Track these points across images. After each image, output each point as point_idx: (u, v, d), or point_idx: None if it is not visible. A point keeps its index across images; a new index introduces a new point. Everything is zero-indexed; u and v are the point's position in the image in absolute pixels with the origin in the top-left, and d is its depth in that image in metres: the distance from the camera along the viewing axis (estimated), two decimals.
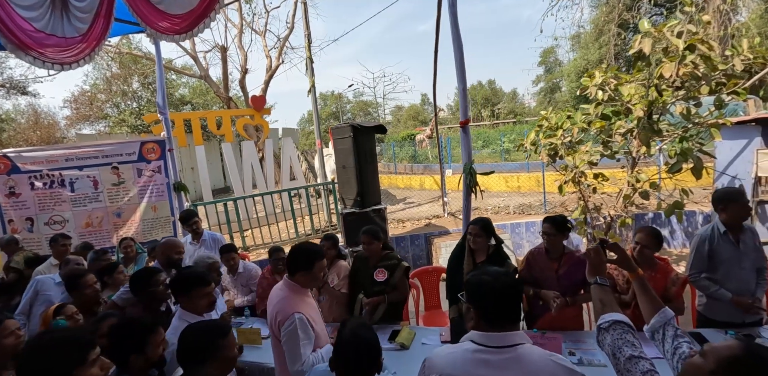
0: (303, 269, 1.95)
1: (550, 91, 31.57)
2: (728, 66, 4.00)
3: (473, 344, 1.27)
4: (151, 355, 1.61)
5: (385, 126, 5.63)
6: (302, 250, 1.99)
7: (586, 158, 4.68)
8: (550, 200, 7.81)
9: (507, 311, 1.28)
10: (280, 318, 1.87)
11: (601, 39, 20.55)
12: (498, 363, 1.21)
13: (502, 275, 1.32)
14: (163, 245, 2.89)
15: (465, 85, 3.59)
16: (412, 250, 6.36)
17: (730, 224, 2.50)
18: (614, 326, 1.20)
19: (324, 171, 8.76)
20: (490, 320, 1.27)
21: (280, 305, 1.91)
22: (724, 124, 4.34)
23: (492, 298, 1.27)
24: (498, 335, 1.24)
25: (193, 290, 2.01)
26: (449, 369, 1.26)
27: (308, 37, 8.10)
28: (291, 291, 1.96)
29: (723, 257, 2.51)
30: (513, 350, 1.22)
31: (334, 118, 40.19)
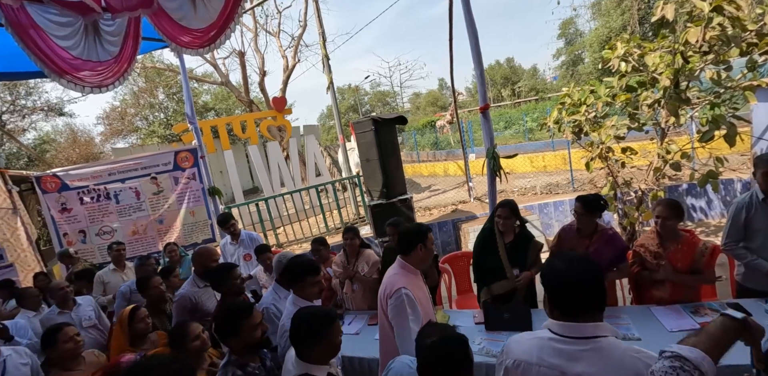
0: (412, 248, 2.00)
1: (572, 63, 30.31)
2: (759, 25, 3.79)
3: (550, 332, 1.24)
4: (247, 338, 1.72)
5: (405, 116, 5.68)
6: (410, 231, 2.05)
7: (612, 133, 4.57)
8: (577, 177, 7.64)
9: (580, 300, 1.19)
10: (388, 291, 1.93)
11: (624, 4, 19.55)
12: (571, 354, 1.17)
13: (578, 261, 1.24)
14: (198, 255, 2.87)
15: (482, 71, 3.59)
16: (441, 236, 6.43)
17: (765, 189, 2.42)
18: (674, 358, 0.99)
19: (348, 165, 8.90)
20: (562, 309, 1.22)
21: (389, 280, 1.99)
22: (759, 86, 4.12)
23: (563, 286, 1.21)
24: (572, 325, 1.19)
25: (307, 278, 2.11)
26: (524, 356, 1.26)
27: (322, 34, 8.15)
28: (402, 269, 2.02)
29: (760, 226, 2.43)
30: (591, 342, 1.15)
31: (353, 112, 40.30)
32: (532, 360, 1.24)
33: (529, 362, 1.25)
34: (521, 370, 1.26)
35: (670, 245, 2.49)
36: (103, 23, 3.64)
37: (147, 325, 2.44)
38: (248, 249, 4.07)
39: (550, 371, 1.20)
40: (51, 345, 2.16)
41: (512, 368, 1.29)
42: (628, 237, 5.12)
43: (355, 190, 8.20)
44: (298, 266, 2.15)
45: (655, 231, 2.56)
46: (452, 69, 6.01)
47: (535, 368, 1.23)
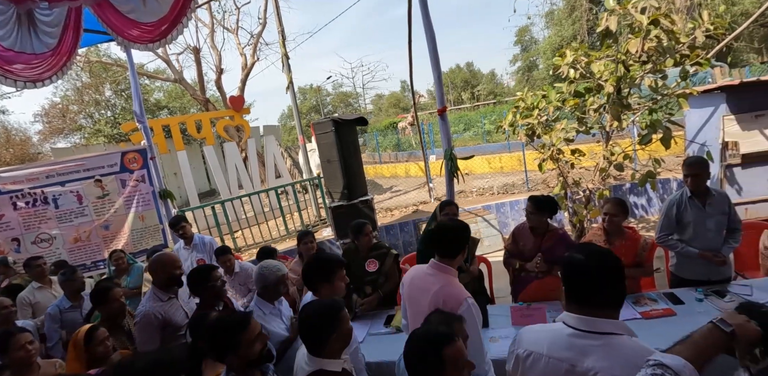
0: (459, 251, 1.86)
1: (527, 69, 31.67)
2: (690, 38, 4.14)
3: (563, 324, 1.24)
4: (246, 353, 1.55)
5: (365, 118, 5.68)
6: (456, 228, 1.92)
7: (562, 135, 4.81)
8: (532, 177, 7.98)
9: (599, 293, 1.17)
10: (452, 303, 1.72)
11: (574, 15, 20.65)
12: (582, 348, 1.16)
13: (599, 254, 1.22)
14: (159, 263, 2.49)
15: (440, 74, 3.66)
16: (402, 237, 6.49)
17: (695, 190, 2.70)
18: (657, 367, 0.97)
19: (309, 166, 8.79)
20: (581, 301, 1.20)
21: (445, 290, 1.78)
22: (691, 94, 4.50)
23: (580, 278, 1.20)
24: (588, 319, 1.17)
25: (338, 272, 2.01)
26: (535, 346, 1.27)
27: (282, 33, 7.99)
28: (449, 274, 1.85)
29: (689, 220, 2.71)
30: (604, 338, 1.14)
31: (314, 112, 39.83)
32: (542, 351, 1.24)
33: (539, 352, 1.25)
34: (531, 360, 1.26)
35: (615, 241, 2.69)
36: (39, 13, 3.35)
37: (108, 348, 2.15)
38: (202, 253, 3.90)
39: (559, 363, 1.20)
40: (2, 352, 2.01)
41: (523, 358, 1.29)
42: (578, 234, 5.41)
43: (316, 191, 8.10)
44: (326, 260, 2.06)
45: (603, 228, 2.74)
46: (411, 72, 6.10)
47: (544, 359, 1.23)
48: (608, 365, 1.11)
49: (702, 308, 2.32)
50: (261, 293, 2.31)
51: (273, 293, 2.30)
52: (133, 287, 3.77)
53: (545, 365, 1.22)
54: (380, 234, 6.12)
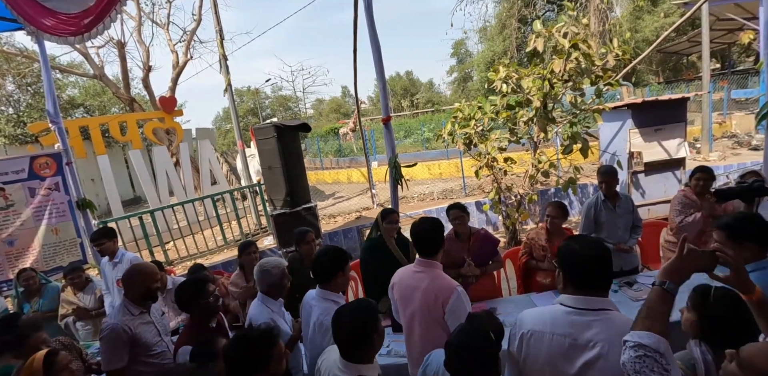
0: (441, 247, 2.01)
1: (463, 80, 33.30)
2: (603, 61, 4.67)
3: (562, 306, 1.38)
4: (276, 370, 1.47)
5: (308, 124, 5.61)
6: (436, 228, 2.01)
7: (496, 145, 5.17)
8: (469, 183, 8.41)
9: (592, 277, 1.35)
10: (445, 294, 1.85)
11: (505, 32, 22.15)
12: (582, 323, 1.31)
13: (591, 244, 1.40)
14: (138, 274, 2.24)
15: (384, 84, 3.73)
16: (346, 243, 6.48)
17: (607, 194, 3.18)
18: (637, 347, 1.07)
19: (248, 172, 8.45)
20: (576, 284, 1.36)
21: (436, 283, 1.90)
22: (604, 110, 5.06)
23: (578, 264, 1.36)
24: (584, 298, 1.33)
25: (346, 267, 2.01)
26: (539, 325, 1.39)
27: (220, 32, 7.64)
28: (436, 268, 1.97)
29: (604, 220, 3.18)
30: (600, 314, 1.30)
31: (252, 115, 38.39)
32: (546, 329, 1.36)
33: (543, 331, 1.37)
34: (534, 338, 1.38)
35: (555, 240, 2.98)
36: None
37: (73, 373, 1.89)
38: (121, 273, 3.46)
39: (562, 338, 1.33)
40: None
41: (527, 337, 1.40)
42: (511, 235, 5.81)
43: (256, 199, 7.82)
44: (335, 256, 2.06)
45: (545, 228, 3.03)
46: (356, 79, 6.15)
47: (548, 336, 1.36)
48: (606, 336, 1.27)
49: (616, 298, 2.63)
50: (268, 291, 2.26)
51: (280, 288, 2.26)
52: (47, 310, 3.37)
53: (549, 341, 1.35)
54: (324, 241, 6.06)
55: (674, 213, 3.09)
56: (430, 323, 1.93)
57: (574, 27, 4.58)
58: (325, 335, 1.91)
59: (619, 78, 5.06)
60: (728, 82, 14.54)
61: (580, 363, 1.29)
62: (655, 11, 20.91)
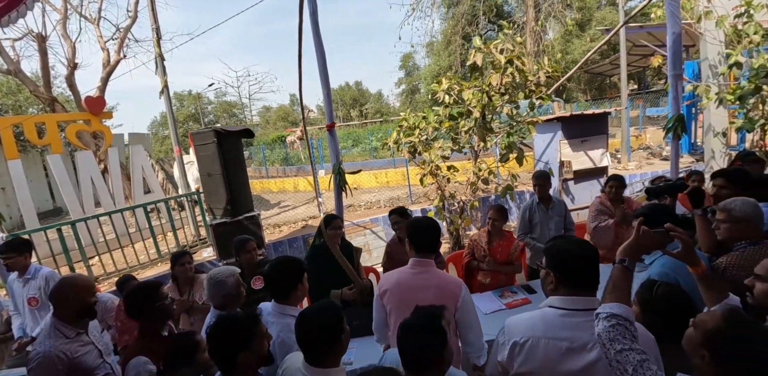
0: (439, 245, 1.98)
1: (411, 92, 34.24)
2: (536, 77, 5.03)
3: (552, 308, 1.34)
4: (261, 349, 1.47)
5: (251, 130, 5.44)
6: (435, 223, 1.99)
7: (439, 153, 5.34)
8: (415, 191, 8.58)
9: (584, 276, 1.32)
10: (455, 289, 1.82)
11: (450, 48, 23.20)
12: (577, 324, 1.27)
13: (582, 243, 1.39)
14: (71, 287, 1.95)
15: (329, 91, 3.73)
16: (291, 253, 6.31)
17: (541, 197, 3.45)
18: (610, 318, 1.16)
19: (186, 181, 7.99)
20: (568, 284, 1.33)
21: (446, 279, 1.87)
22: (537, 122, 5.43)
23: (571, 264, 1.32)
24: (576, 298, 1.31)
25: (304, 278, 1.91)
26: (530, 331, 1.32)
27: (157, 31, 7.22)
28: (433, 266, 1.91)
29: (537, 221, 3.43)
30: (593, 314, 1.24)
31: (193, 121, 36.56)
32: (539, 334, 1.31)
33: (537, 336, 1.31)
34: (529, 345, 1.31)
35: (494, 241, 3.13)
36: None
37: None
38: (35, 291, 3.06)
39: (558, 342, 1.28)
40: None
41: (521, 344, 1.33)
42: (454, 240, 5.98)
43: (195, 208, 7.40)
44: (295, 265, 1.93)
45: (487, 230, 3.17)
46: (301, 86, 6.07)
47: (543, 342, 1.30)
48: None
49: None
50: (223, 304, 2.09)
51: (237, 298, 2.10)
52: None
53: (545, 346, 1.29)
54: (268, 251, 5.85)
55: (590, 219, 3.38)
56: None
57: (510, 45, 4.90)
58: (288, 354, 1.77)
59: (551, 93, 5.47)
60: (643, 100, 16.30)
61: (580, 366, 1.25)
62: (583, 36, 23.03)
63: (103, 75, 10.62)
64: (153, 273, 5.76)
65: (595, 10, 25.29)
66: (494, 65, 5.04)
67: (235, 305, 2.13)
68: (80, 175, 7.32)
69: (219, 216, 5.06)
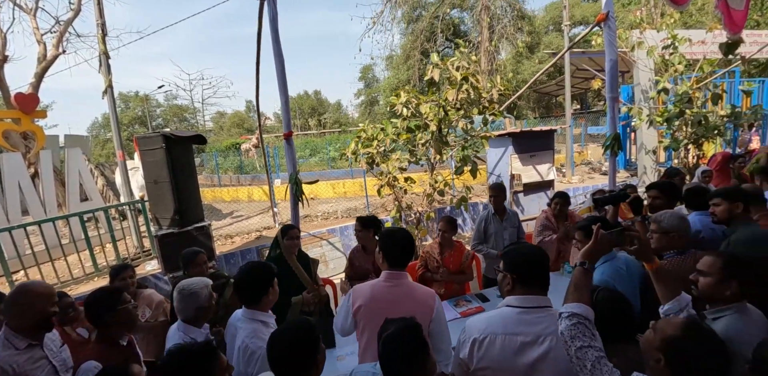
0: (411, 258, 1.97)
1: (370, 104, 34.59)
2: (489, 94, 5.27)
3: (509, 307, 1.46)
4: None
5: (204, 136, 5.23)
6: (409, 236, 1.97)
7: (397, 165, 5.41)
8: (372, 202, 8.61)
9: (537, 278, 1.47)
10: (429, 301, 1.83)
11: (409, 62, 23.80)
12: (531, 320, 1.41)
13: (535, 249, 1.54)
14: (29, 295, 1.78)
15: (287, 99, 3.69)
16: None
17: (496, 208, 3.61)
18: (571, 317, 1.30)
19: (129, 188, 7.49)
20: (523, 285, 1.46)
21: (421, 291, 1.88)
22: (490, 137, 5.67)
23: (526, 267, 1.47)
24: (531, 297, 1.45)
25: (274, 284, 1.90)
26: (490, 328, 1.44)
27: (102, 26, 6.79)
28: (407, 279, 1.91)
29: (492, 231, 3.58)
30: (545, 311, 1.42)
31: (139, 124, 34.61)
32: (498, 331, 1.43)
33: (495, 333, 1.43)
34: (488, 341, 1.43)
35: (446, 251, 3.20)
36: None
37: None
38: None
39: (514, 337, 1.40)
40: None
41: (480, 341, 1.44)
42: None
43: (139, 218, 6.93)
44: (263, 274, 1.90)
45: (438, 241, 3.23)
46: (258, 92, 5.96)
47: (500, 338, 1.42)
48: (553, 330, 1.37)
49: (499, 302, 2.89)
50: (195, 317, 1.98)
51: (208, 312, 2.01)
52: None
53: (502, 342, 1.41)
54: (219, 264, 5.59)
55: (536, 232, 3.60)
56: None
57: (466, 62, 5.12)
58: (250, 362, 1.71)
59: (503, 110, 5.75)
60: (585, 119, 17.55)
61: (533, 358, 1.37)
62: (532, 57, 24.56)
63: (37, 70, 9.81)
64: (89, 288, 5.29)
65: (543, 35, 27.15)
66: (451, 81, 5.22)
67: (206, 318, 2.04)
68: (6, 180, 6.64)
69: (166, 226, 4.78)
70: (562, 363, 1.31)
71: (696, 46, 8.03)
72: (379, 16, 19.47)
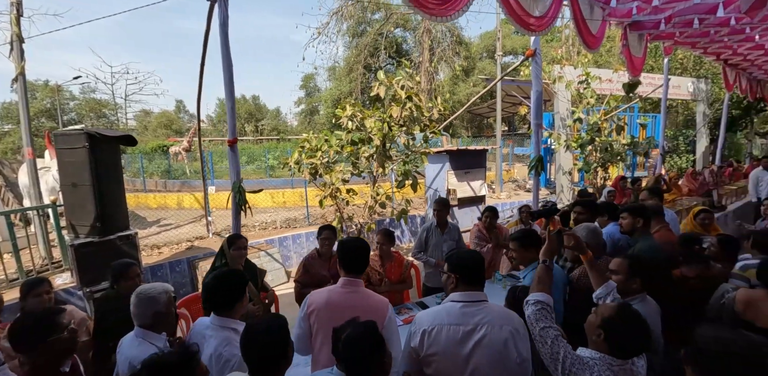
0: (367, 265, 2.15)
1: (310, 113, 34.27)
2: (430, 114, 5.61)
3: (454, 302, 1.69)
4: None
5: (134, 137, 4.88)
6: (365, 244, 2.11)
7: (340, 176, 5.50)
8: (312, 213, 8.54)
9: (476, 277, 1.73)
10: (383, 309, 1.96)
11: (351, 75, 24.12)
12: (471, 313, 1.65)
13: (474, 253, 1.85)
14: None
15: (233, 104, 3.62)
16: (174, 277, 5.67)
17: (439, 221, 3.83)
18: (536, 303, 1.66)
19: (38, 190, 6.68)
20: (464, 283, 1.71)
21: (375, 298, 2.01)
22: (429, 153, 5.99)
23: (468, 267, 1.73)
24: (472, 293, 1.70)
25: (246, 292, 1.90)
26: (438, 320, 1.65)
27: (17, 6, 6.08)
28: (362, 286, 2.03)
29: (433, 242, 3.80)
30: (482, 304, 1.68)
31: (47, 117, 30.87)
32: (444, 322, 1.64)
33: (442, 324, 1.64)
34: (435, 332, 1.63)
35: (386, 263, 3.32)
36: None
37: None
38: None
39: (457, 327, 1.63)
40: None
41: (428, 331, 1.64)
42: None
43: (47, 224, 6.19)
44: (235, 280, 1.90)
45: (378, 254, 3.33)
46: (200, 95, 5.73)
47: (445, 328, 1.63)
48: (489, 320, 1.63)
49: None
50: (152, 323, 1.89)
51: (169, 318, 1.94)
52: None
53: (447, 331, 1.63)
54: (144, 276, 5.18)
55: (472, 244, 3.95)
56: None
57: (409, 82, 5.42)
58: (224, 370, 1.69)
59: (440, 128, 6.13)
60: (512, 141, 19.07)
61: (472, 344, 1.60)
62: (467, 80, 26.21)
63: None
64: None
65: (477, 60, 29.16)
66: (395, 99, 5.48)
67: (164, 326, 1.94)
68: None
69: (84, 235, 4.36)
70: (495, 346, 1.59)
71: (605, 83, 9.23)
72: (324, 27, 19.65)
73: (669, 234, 3.17)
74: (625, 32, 5.58)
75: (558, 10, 4.17)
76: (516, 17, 3.81)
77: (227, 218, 8.51)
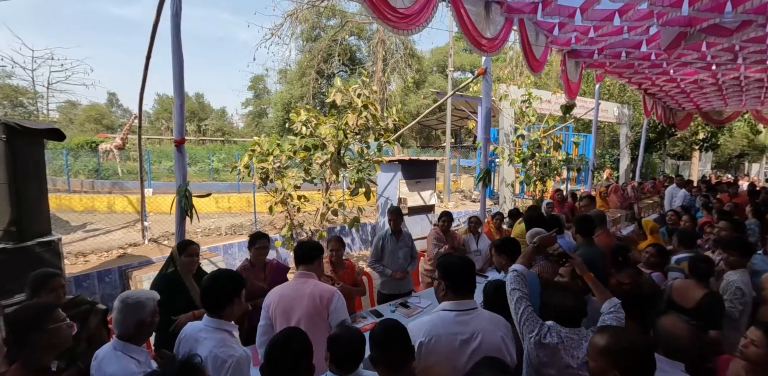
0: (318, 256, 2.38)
1: (258, 115, 33.24)
2: (385, 123, 5.70)
3: (446, 311, 1.72)
4: None
5: (62, 131, 4.44)
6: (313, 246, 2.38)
7: (292, 182, 5.39)
8: (260, 219, 8.25)
9: (467, 284, 1.76)
10: (327, 296, 2.16)
11: (303, 79, 23.80)
12: (465, 321, 1.69)
13: (465, 259, 1.84)
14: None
15: (182, 102, 3.44)
16: (103, 289, 5.15)
17: (394, 229, 3.92)
18: (513, 271, 1.96)
19: None
20: (455, 291, 1.74)
21: (319, 287, 2.21)
22: (382, 162, 6.08)
23: (459, 275, 1.75)
24: (463, 302, 1.73)
25: (242, 292, 1.88)
26: (434, 331, 1.66)
27: None
28: (314, 278, 2.27)
29: (388, 250, 3.87)
30: (474, 312, 1.72)
31: None
32: (441, 332, 1.66)
33: (439, 334, 1.65)
34: (433, 342, 1.64)
35: (339, 270, 3.31)
36: None
37: None
38: None
39: (453, 336, 1.66)
40: None
41: (426, 342, 1.64)
42: None
43: None
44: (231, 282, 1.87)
45: (330, 260, 3.30)
46: (143, 90, 5.34)
47: (444, 338, 1.65)
48: (482, 327, 1.69)
49: (395, 317, 3.07)
50: (134, 333, 1.76)
51: (150, 328, 1.82)
52: None
53: (445, 341, 1.65)
54: (69, 287, 4.66)
55: (431, 246, 4.06)
56: (318, 323, 2.12)
57: (366, 91, 5.49)
58: (220, 371, 1.64)
59: (394, 138, 6.24)
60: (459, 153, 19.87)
61: (470, 351, 1.65)
62: (418, 93, 26.96)
63: None
64: None
65: (428, 74, 30.16)
66: (351, 107, 5.51)
67: (145, 337, 1.82)
68: None
69: None
70: (491, 353, 1.65)
71: (545, 103, 9.97)
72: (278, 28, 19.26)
73: (608, 238, 3.68)
74: (564, 59, 6.09)
75: (508, 34, 4.46)
76: (470, 37, 4.02)
77: (165, 224, 7.96)
